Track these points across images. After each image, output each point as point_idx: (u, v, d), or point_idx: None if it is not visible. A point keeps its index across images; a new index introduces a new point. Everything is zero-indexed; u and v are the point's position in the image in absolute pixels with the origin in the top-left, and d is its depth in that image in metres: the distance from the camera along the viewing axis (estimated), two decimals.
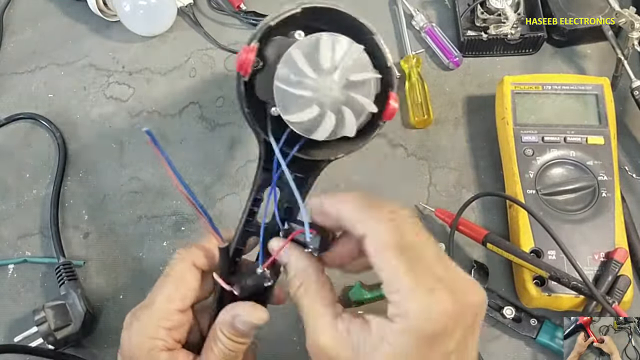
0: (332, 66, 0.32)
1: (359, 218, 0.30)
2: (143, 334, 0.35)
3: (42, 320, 0.47)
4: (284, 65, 0.32)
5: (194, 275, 0.36)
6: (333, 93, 0.32)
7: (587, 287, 0.45)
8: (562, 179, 0.51)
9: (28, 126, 0.61)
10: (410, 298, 0.28)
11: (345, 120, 0.33)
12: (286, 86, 0.32)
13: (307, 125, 0.33)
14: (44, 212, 0.56)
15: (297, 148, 0.35)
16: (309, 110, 0.32)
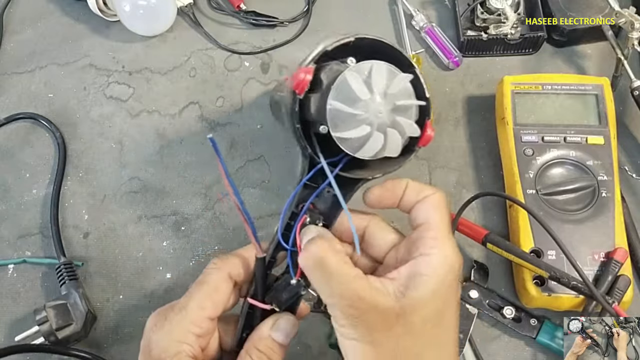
0: (382, 91, 0.35)
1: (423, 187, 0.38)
2: (172, 337, 0.35)
3: (43, 320, 0.47)
4: (339, 86, 0.35)
5: (228, 285, 0.37)
6: (382, 115, 0.35)
7: (587, 287, 0.45)
8: (562, 179, 0.52)
9: (28, 126, 0.61)
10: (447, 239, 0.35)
11: (390, 142, 0.36)
12: (340, 106, 0.35)
13: (355, 143, 0.36)
14: (44, 212, 0.56)
15: (342, 165, 0.38)
16: (360, 129, 0.35)
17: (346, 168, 0.38)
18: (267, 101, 0.61)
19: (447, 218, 0.36)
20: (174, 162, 0.59)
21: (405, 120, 0.36)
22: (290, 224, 0.38)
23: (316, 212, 0.38)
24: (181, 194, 0.57)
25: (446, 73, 0.62)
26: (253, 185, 0.57)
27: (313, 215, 0.38)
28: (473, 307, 0.50)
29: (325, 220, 0.38)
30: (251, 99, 0.61)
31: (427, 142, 0.38)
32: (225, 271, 0.37)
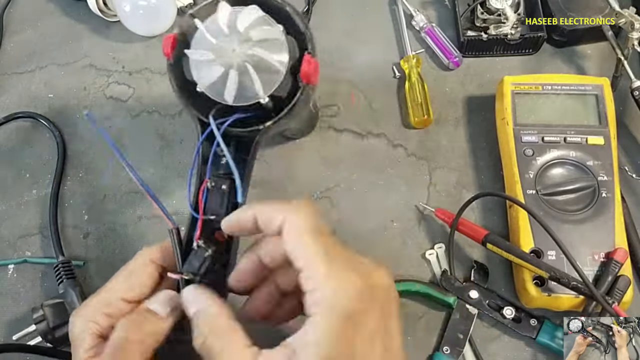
0: (232, 29, 0.36)
1: (271, 212, 0.33)
2: (84, 317, 0.35)
3: (40, 319, 0.47)
4: (194, 38, 0.36)
5: (147, 269, 0.37)
6: (236, 53, 0.35)
7: (586, 288, 0.45)
8: (562, 179, 0.52)
9: (28, 126, 0.61)
10: (326, 284, 0.30)
11: (251, 78, 0.36)
12: (193, 55, 0.36)
13: (222, 89, 0.36)
14: (43, 212, 0.56)
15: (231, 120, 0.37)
16: (215, 70, 0.35)
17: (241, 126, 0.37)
18: None
19: (317, 244, 0.31)
20: (174, 162, 0.59)
21: (265, 52, 0.35)
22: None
23: (222, 177, 0.38)
24: (181, 194, 0.57)
25: (446, 73, 0.62)
26: (253, 185, 0.57)
27: (218, 181, 0.38)
28: (473, 308, 0.50)
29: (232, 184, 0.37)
30: None
31: (307, 76, 0.37)
32: (147, 256, 0.37)
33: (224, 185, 0.38)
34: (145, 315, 0.35)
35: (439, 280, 0.51)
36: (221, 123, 0.37)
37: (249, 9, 0.36)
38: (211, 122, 0.37)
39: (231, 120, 0.37)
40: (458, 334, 0.49)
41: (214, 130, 0.36)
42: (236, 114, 0.37)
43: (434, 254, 0.53)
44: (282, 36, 0.37)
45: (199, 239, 0.37)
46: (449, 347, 0.48)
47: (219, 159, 0.39)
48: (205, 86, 0.36)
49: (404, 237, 0.54)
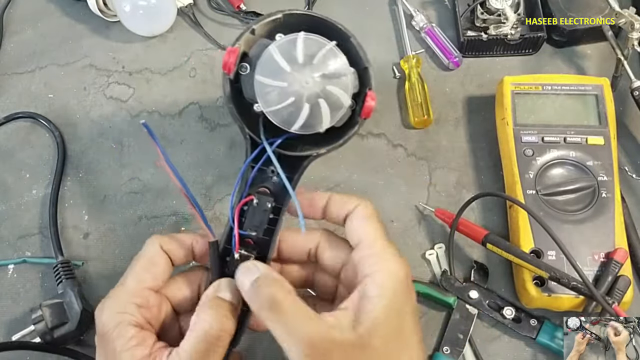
0: (307, 60, 0.36)
1: (346, 200, 0.38)
2: (113, 309, 0.35)
3: (39, 319, 0.47)
4: (264, 60, 0.36)
5: (164, 258, 0.38)
6: (309, 85, 0.36)
7: (586, 288, 0.45)
8: (562, 180, 0.52)
9: (28, 126, 0.61)
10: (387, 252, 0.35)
11: (321, 112, 0.36)
12: (264, 79, 0.36)
13: (286, 116, 0.36)
14: (43, 212, 0.56)
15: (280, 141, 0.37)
16: (286, 101, 0.36)
17: (292, 147, 0.38)
18: None
19: (379, 227, 0.36)
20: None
21: (336, 89, 0.36)
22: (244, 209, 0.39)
23: (268, 194, 0.39)
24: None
25: (446, 73, 0.62)
26: None
27: (262, 198, 0.38)
28: (473, 308, 0.50)
29: (277, 202, 0.39)
30: None
31: (369, 113, 0.38)
32: (158, 244, 0.38)
33: (268, 203, 0.39)
34: (221, 304, 0.36)
35: (439, 280, 0.51)
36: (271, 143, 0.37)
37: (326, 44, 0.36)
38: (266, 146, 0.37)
39: (281, 141, 0.38)
40: (458, 334, 0.49)
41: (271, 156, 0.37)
42: (286, 134, 0.37)
43: (434, 254, 0.53)
44: (351, 73, 0.37)
45: (239, 250, 0.38)
46: (449, 347, 0.48)
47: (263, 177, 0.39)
48: (269, 110, 0.36)
49: (404, 237, 0.54)
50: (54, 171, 0.58)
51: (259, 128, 0.38)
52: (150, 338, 0.35)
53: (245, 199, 0.38)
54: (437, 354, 0.49)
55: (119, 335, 0.34)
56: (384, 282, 0.34)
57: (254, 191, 0.39)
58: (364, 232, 0.36)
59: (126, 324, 0.35)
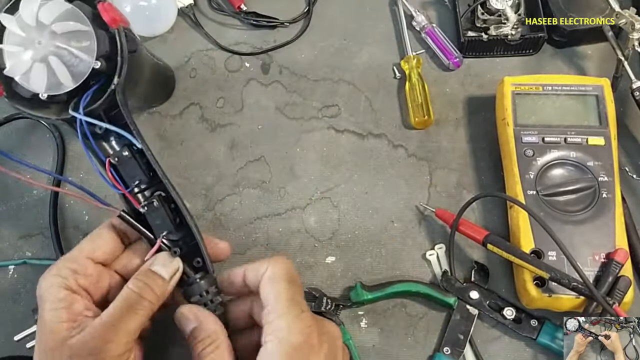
0: (36, 22, 0.37)
1: (257, 266, 0.39)
2: (49, 273, 0.38)
3: None
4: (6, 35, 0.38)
5: (110, 233, 0.42)
6: (41, 45, 0.37)
7: (587, 288, 0.45)
8: (563, 180, 0.51)
9: (28, 126, 0.61)
10: (283, 317, 0.35)
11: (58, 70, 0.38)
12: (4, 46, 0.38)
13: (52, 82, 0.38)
14: (44, 213, 0.56)
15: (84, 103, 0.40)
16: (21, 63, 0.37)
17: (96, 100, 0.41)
18: (258, 102, 0.61)
19: (287, 289, 0.37)
20: (174, 162, 0.59)
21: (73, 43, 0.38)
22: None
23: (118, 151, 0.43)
24: (182, 194, 0.57)
25: (446, 74, 0.62)
26: (253, 186, 0.57)
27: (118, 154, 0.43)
28: (473, 308, 0.50)
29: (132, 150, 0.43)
30: (252, 99, 0.61)
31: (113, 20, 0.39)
32: (109, 223, 0.43)
33: (125, 152, 0.42)
34: (152, 276, 0.38)
35: (439, 280, 0.51)
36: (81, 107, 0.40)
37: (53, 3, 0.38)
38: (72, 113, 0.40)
39: (86, 98, 0.40)
40: (459, 335, 0.49)
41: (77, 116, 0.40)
42: (88, 92, 0.40)
43: (435, 254, 0.53)
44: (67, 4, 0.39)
45: (139, 205, 0.42)
46: (450, 348, 0.48)
47: (108, 137, 0.43)
48: (44, 89, 0.38)
49: (404, 237, 0.54)
50: (55, 171, 0.58)
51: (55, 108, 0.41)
52: (79, 303, 0.37)
53: (107, 163, 0.42)
54: (437, 354, 0.49)
55: (50, 295, 0.36)
56: (273, 353, 0.34)
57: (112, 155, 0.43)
58: (266, 294, 0.37)
59: (57, 286, 0.37)
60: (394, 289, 0.51)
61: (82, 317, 0.36)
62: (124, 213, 0.41)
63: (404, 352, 0.50)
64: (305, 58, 0.63)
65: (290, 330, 0.35)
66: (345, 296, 0.51)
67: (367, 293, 0.50)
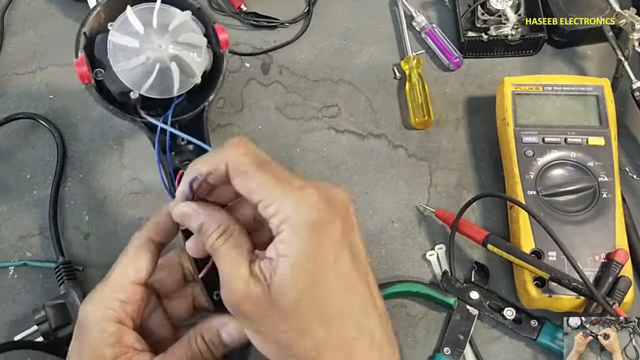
0: (162, 27, 0.39)
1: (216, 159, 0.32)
2: (97, 304, 0.36)
3: (42, 320, 0.47)
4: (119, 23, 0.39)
5: (149, 249, 0.38)
6: (162, 49, 0.39)
7: (587, 289, 0.45)
8: (563, 180, 0.51)
9: (28, 127, 0.61)
10: (285, 201, 0.30)
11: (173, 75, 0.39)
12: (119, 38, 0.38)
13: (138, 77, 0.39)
14: (44, 213, 0.56)
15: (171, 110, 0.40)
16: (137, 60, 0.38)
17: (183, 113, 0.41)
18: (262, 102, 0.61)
19: (259, 171, 0.31)
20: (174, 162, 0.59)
21: (189, 55, 0.39)
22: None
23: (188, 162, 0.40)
24: None
25: (447, 74, 0.62)
26: None
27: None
28: (473, 308, 0.50)
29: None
30: (252, 99, 0.61)
31: (226, 43, 0.42)
32: (144, 237, 0.38)
33: None
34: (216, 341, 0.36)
35: (440, 281, 0.51)
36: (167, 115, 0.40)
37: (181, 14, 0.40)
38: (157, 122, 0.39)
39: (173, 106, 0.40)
40: (459, 335, 0.49)
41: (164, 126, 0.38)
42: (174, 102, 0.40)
43: (435, 254, 0.53)
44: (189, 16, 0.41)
45: None
46: (450, 348, 0.48)
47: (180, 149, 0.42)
48: (145, 89, 0.39)
49: (404, 237, 0.54)
50: (54, 172, 0.58)
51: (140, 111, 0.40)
52: (128, 335, 0.36)
53: (178, 175, 0.39)
54: (437, 354, 0.49)
55: (101, 329, 0.35)
56: (288, 239, 0.30)
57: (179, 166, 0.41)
58: (249, 189, 0.32)
59: (108, 320, 0.35)
60: (394, 289, 0.51)
61: (132, 351, 0.35)
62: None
63: (404, 352, 0.50)
64: (305, 58, 0.63)
65: (298, 211, 0.30)
66: None
67: None
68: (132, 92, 0.38)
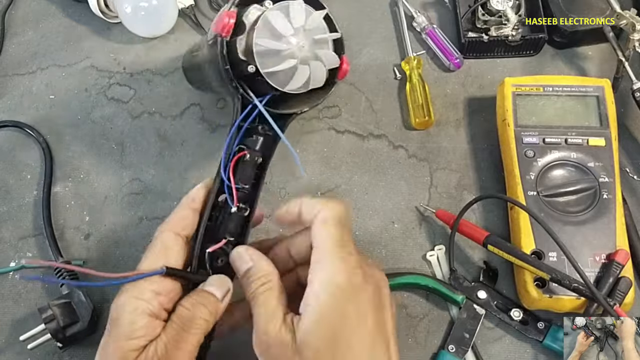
0: (301, 26, 0.39)
1: (314, 204, 0.38)
2: (130, 294, 0.36)
3: (50, 318, 0.47)
4: (262, 25, 0.39)
5: (177, 242, 0.39)
6: (304, 49, 0.39)
7: (588, 289, 0.45)
8: (563, 181, 0.51)
9: (15, 135, 0.61)
10: (329, 258, 0.35)
11: (315, 73, 0.40)
12: (266, 42, 0.38)
13: (282, 77, 0.39)
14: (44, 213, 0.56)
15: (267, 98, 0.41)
16: (286, 63, 0.39)
17: (273, 106, 0.41)
18: None
19: (335, 231, 0.36)
20: (175, 163, 0.59)
21: (326, 52, 0.40)
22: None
23: (256, 152, 0.42)
24: (182, 195, 0.56)
25: (447, 74, 0.62)
26: None
27: (252, 153, 0.42)
28: (480, 308, 0.50)
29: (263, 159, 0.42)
30: None
31: (345, 74, 0.43)
32: (171, 230, 0.40)
33: (257, 158, 0.42)
34: (206, 296, 0.38)
35: (449, 278, 0.51)
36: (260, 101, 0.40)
37: (317, 13, 0.40)
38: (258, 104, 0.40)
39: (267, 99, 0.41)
40: (464, 333, 0.49)
41: (263, 112, 0.40)
42: (271, 93, 0.41)
43: (435, 255, 0.53)
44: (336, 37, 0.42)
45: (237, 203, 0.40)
46: (455, 346, 0.48)
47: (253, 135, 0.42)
48: (269, 73, 0.39)
49: (404, 238, 0.54)
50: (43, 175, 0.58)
51: (244, 87, 0.40)
52: (159, 328, 0.36)
53: (240, 154, 0.41)
54: (442, 352, 0.49)
55: (132, 321, 0.35)
56: (318, 292, 0.34)
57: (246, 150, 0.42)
58: (318, 235, 0.37)
59: (139, 312, 0.36)
60: (403, 280, 0.51)
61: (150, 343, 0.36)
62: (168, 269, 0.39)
63: (404, 353, 0.50)
64: None
65: (335, 270, 0.35)
66: None
67: None
68: (249, 66, 0.39)
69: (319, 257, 0.36)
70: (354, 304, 0.35)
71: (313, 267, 0.36)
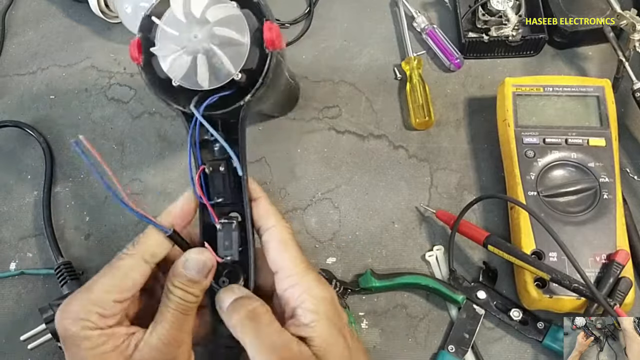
0: (188, 16, 0.37)
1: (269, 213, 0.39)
2: (75, 316, 0.34)
3: (51, 318, 0.47)
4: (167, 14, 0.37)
5: (141, 270, 0.37)
6: (198, 39, 0.37)
7: (588, 289, 0.45)
8: (564, 181, 0.51)
9: (15, 135, 0.61)
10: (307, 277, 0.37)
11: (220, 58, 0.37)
12: (159, 52, 0.37)
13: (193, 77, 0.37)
14: (45, 214, 0.56)
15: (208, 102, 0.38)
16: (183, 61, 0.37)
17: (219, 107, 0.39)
18: None
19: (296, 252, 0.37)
20: (175, 163, 0.59)
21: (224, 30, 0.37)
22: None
23: (216, 161, 0.39)
24: None
25: (447, 75, 0.62)
26: None
27: (214, 165, 0.39)
28: (480, 308, 0.50)
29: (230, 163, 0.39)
30: None
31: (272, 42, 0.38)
32: (139, 257, 0.37)
33: (221, 167, 0.39)
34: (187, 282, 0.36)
35: (449, 278, 0.51)
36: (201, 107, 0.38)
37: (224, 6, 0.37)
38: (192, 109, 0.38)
39: (210, 101, 0.38)
40: (464, 334, 0.49)
41: (197, 115, 0.37)
42: (215, 95, 0.38)
43: (433, 255, 0.53)
44: (238, 11, 0.38)
45: (218, 221, 0.39)
46: (455, 346, 0.48)
47: (212, 145, 0.40)
48: (179, 79, 0.37)
49: (405, 238, 0.54)
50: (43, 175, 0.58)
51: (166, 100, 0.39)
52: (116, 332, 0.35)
53: (199, 170, 0.39)
54: (442, 352, 0.49)
55: (85, 337, 0.34)
56: (315, 308, 0.35)
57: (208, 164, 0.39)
58: (281, 259, 0.37)
59: (88, 330, 0.34)
60: (404, 280, 0.51)
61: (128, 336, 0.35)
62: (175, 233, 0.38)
63: (405, 353, 0.50)
64: (306, 59, 0.63)
65: (320, 287, 0.36)
66: (354, 282, 0.51)
67: (376, 281, 0.50)
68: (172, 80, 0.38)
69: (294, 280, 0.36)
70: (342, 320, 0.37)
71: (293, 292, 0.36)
